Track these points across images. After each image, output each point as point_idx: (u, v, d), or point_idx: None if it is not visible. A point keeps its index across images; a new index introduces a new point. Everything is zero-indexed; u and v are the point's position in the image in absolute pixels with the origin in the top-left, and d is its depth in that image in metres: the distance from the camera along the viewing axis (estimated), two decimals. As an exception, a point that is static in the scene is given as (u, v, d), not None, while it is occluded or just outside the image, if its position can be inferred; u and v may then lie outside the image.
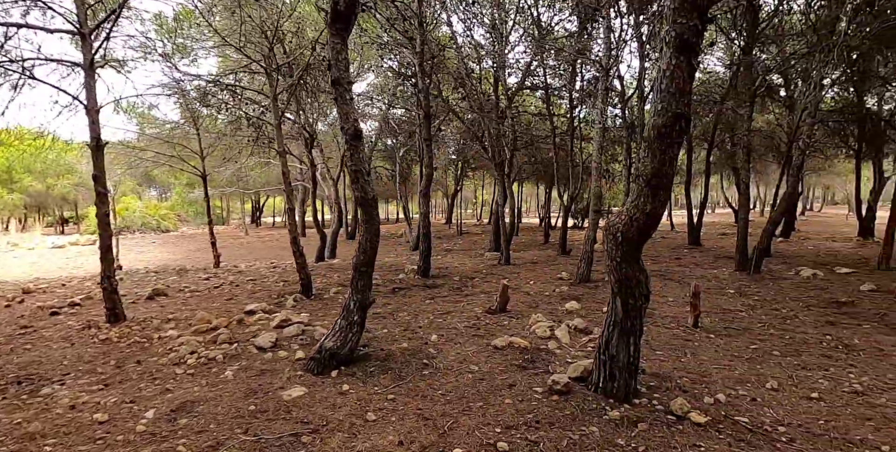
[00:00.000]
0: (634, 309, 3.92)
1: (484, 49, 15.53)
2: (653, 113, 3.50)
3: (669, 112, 3.40)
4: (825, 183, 38.72)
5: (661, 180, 3.50)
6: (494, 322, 6.67)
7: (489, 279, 10.16)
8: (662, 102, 3.43)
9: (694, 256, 13.48)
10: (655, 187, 3.52)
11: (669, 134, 3.42)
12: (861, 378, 4.96)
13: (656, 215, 3.60)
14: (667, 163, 3.47)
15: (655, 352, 5.55)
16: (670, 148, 3.45)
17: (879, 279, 10.09)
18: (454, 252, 17.74)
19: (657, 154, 3.47)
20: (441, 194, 36.28)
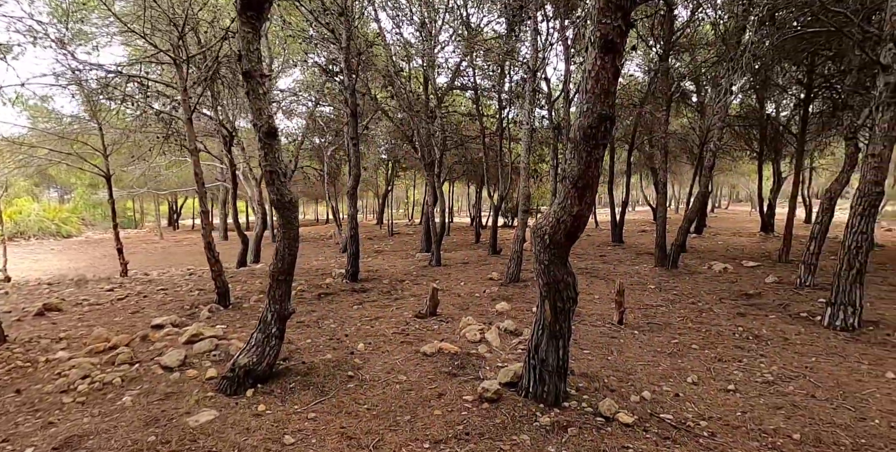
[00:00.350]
0: (563, 312, 3.88)
1: (414, 48, 15.37)
2: (578, 114, 3.46)
3: (595, 113, 3.36)
4: (731, 182, 41.91)
5: (588, 182, 3.46)
6: (424, 327, 6.49)
7: (420, 282, 9.98)
8: (587, 103, 3.39)
9: (617, 253, 14.01)
10: (582, 189, 3.47)
11: (595, 135, 3.39)
12: (771, 367, 5.25)
13: (583, 216, 3.56)
14: (592, 164, 3.43)
15: (584, 351, 5.60)
16: (596, 149, 3.42)
17: (781, 271, 10.91)
18: (385, 253, 17.41)
19: (583, 155, 3.43)
20: (372, 194, 35.71)
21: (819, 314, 7.31)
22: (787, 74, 13.77)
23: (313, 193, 33.51)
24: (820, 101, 14.20)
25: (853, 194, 6.82)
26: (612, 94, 3.40)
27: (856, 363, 5.44)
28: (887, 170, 6.57)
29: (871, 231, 6.65)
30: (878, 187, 6.45)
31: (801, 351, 5.80)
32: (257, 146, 4.49)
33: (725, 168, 27.61)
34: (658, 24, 13.82)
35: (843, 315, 6.70)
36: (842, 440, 3.72)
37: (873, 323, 6.98)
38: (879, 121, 6.43)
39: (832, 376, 5.00)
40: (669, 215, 27.77)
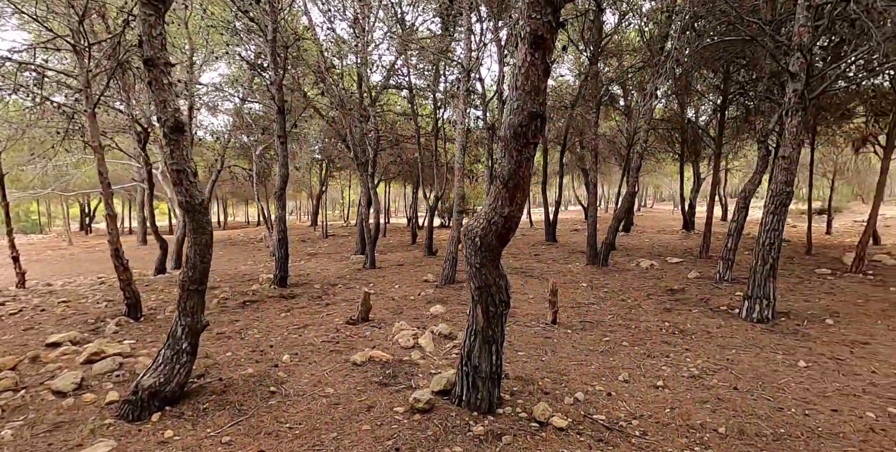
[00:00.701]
0: (495, 317, 3.75)
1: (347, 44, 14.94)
2: (508, 112, 3.34)
3: (525, 111, 3.26)
4: (655, 183, 44.17)
5: (519, 182, 3.35)
6: (356, 334, 6.21)
7: (353, 286, 9.64)
8: (517, 101, 3.28)
9: (551, 252, 14.26)
10: (513, 189, 3.36)
11: (525, 134, 3.28)
12: (696, 361, 5.41)
13: (514, 217, 3.45)
14: (523, 164, 3.33)
15: (518, 353, 5.54)
16: (526, 148, 3.31)
17: (702, 267, 11.48)
18: (319, 256, 16.82)
19: (513, 155, 3.31)
20: (306, 195, 34.60)
21: (737, 307, 7.69)
22: (706, 80, 14.54)
23: (243, 193, 32.00)
24: (735, 106, 15.11)
25: (766, 194, 7.21)
26: (543, 91, 3.30)
27: (771, 353, 5.72)
28: (796, 171, 7.00)
29: (783, 228, 7.05)
30: (788, 186, 6.85)
31: (722, 344, 6.03)
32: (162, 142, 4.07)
33: (651, 169, 28.98)
34: (588, 29, 14.22)
35: (758, 308, 7.07)
36: (763, 431, 3.84)
37: (785, 314, 7.43)
38: (789, 125, 6.83)
39: (751, 367, 5.21)
40: (600, 214, 28.82)
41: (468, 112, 10.70)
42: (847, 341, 6.22)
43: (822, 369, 5.21)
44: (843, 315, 7.46)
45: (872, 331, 6.69)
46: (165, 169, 15.66)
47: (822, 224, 22.54)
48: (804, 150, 15.65)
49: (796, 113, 6.74)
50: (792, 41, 6.80)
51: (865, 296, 8.77)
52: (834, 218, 23.30)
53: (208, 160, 23.69)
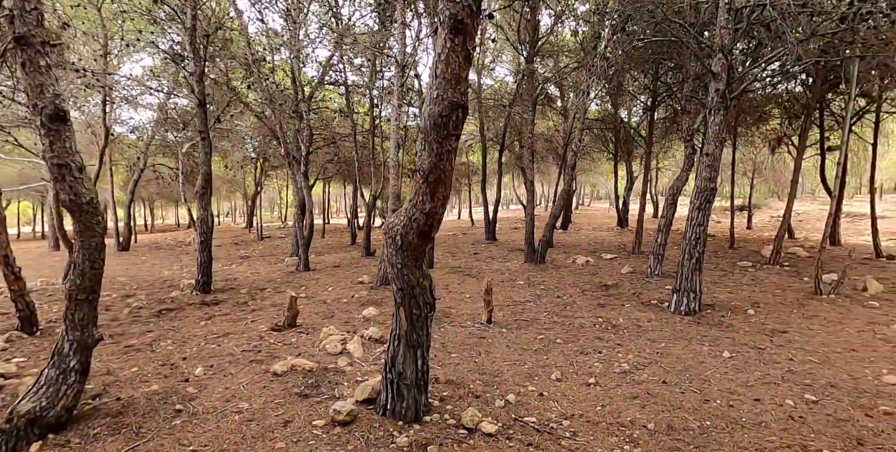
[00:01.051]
0: (420, 319, 3.54)
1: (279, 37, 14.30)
2: (428, 102, 3.13)
3: (445, 100, 3.06)
4: (592, 181, 45.57)
5: (440, 176, 3.15)
6: (280, 341, 5.83)
7: (283, 290, 9.17)
8: (437, 90, 3.08)
9: (490, 250, 14.26)
10: (434, 183, 3.16)
11: (446, 125, 3.08)
12: (627, 356, 5.43)
13: (436, 214, 3.25)
14: (444, 157, 3.13)
15: (451, 355, 5.37)
16: (447, 140, 3.12)
17: (634, 262, 11.80)
18: (252, 259, 16.04)
19: (434, 147, 3.11)
20: (241, 196, 33.14)
21: (667, 300, 7.89)
22: (636, 81, 15.00)
23: (171, 194, 30.23)
24: (664, 107, 15.71)
25: (692, 191, 7.42)
26: (465, 80, 3.12)
27: (698, 345, 5.85)
28: (719, 168, 7.24)
29: (708, 224, 7.28)
30: (711, 183, 7.07)
31: (653, 338, 6.11)
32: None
33: (587, 168, 29.80)
34: (524, 28, 14.34)
35: (686, 301, 7.26)
36: (690, 424, 3.84)
37: (711, 306, 7.68)
38: (712, 123, 7.05)
39: (679, 360, 5.29)
40: (539, 212, 29.32)
41: (405, 109, 10.44)
42: (767, 330, 6.48)
43: (744, 359, 5.35)
44: (762, 305, 7.81)
45: (789, 320, 7.02)
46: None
47: (743, 220, 23.96)
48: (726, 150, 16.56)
49: (718, 112, 6.96)
50: (714, 43, 7.03)
51: (782, 286, 9.25)
52: (753, 214, 24.83)
53: (130, 158, 22.17)
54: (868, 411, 4.11)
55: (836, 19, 6.75)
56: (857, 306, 7.85)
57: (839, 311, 7.49)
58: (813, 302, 8.02)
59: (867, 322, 6.88)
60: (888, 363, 5.27)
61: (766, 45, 8.19)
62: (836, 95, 12.83)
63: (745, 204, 24.00)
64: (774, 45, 7.75)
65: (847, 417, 3.97)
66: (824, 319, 7.04)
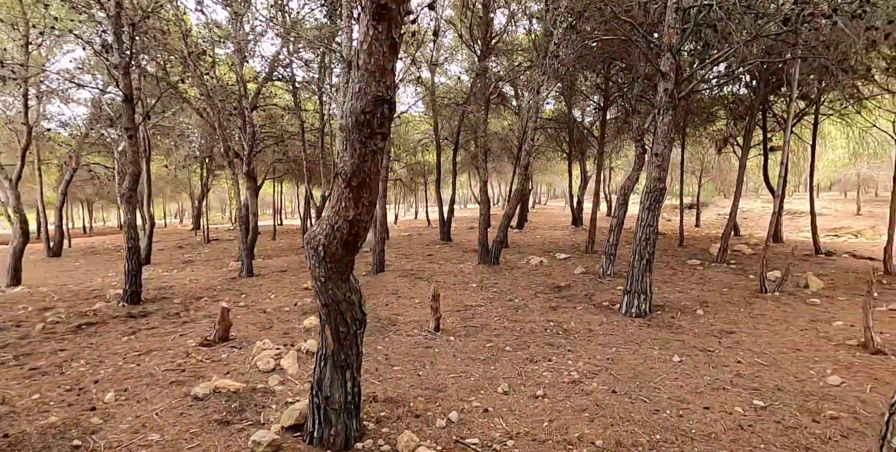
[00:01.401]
0: (348, 337, 3.20)
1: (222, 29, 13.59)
2: (350, 96, 2.79)
3: (369, 95, 2.73)
4: (547, 181, 46.09)
5: (364, 179, 2.82)
6: (209, 358, 5.35)
7: (222, 298, 8.59)
8: (360, 82, 2.75)
9: (445, 251, 14.00)
10: (357, 188, 2.82)
11: (369, 122, 2.76)
12: (577, 364, 5.24)
13: (361, 222, 2.92)
14: (368, 157, 2.80)
15: (393, 368, 5.04)
16: (372, 139, 2.79)
17: (587, 261, 11.78)
18: (196, 264, 15.22)
19: (356, 147, 2.78)
20: (187, 197, 31.66)
21: (618, 301, 7.81)
22: (587, 79, 15.05)
23: (110, 195, 28.54)
24: (615, 107, 15.85)
25: (642, 190, 7.36)
26: (391, 72, 2.80)
27: (649, 349, 5.73)
28: (668, 167, 7.19)
29: (658, 224, 7.23)
30: (661, 182, 7.01)
31: (603, 342, 5.97)
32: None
33: (542, 168, 30.01)
34: (476, 26, 14.16)
35: (637, 303, 7.19)
36: (639, 439, 3.66)
37: (661, 307, 7.65)
38: (660, 123, 6.99)
39: (629, 366, 5.14)
40: (496, 211, 29.30)
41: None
42: (715, 331, 6.46)
43: (694, 362, 5.27)
44: (711, 305, 7.85)
45: (736, 319, 7.05)
46: (-4, 167, 13.23)
47: (691, 218, 24.64)
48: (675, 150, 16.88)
49: (667, 112, 6.90)
50: (662, 43, 6.96)
51: (729, 285, 9.38)
52: (701, 212, 25.59)
53: (62, 157, 20.69)
54: (815, 416, 4.04)
55: (779, 21, 6.80)
56: (800, 303, 8.00)
57: (783, 309, 7.60)
58: (758, 301, 8.12)
59: (810, 320, 6.99)
60: (831, 362, 5.30)
61: (712, 46, 8.25)
62: (778, 98, 13.23)
63: (694, 203, 24.70)
64: (721, 46, 7.79)
65: (795, 424, 3.89)
66: (770, 318, 7.11)
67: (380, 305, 7.85)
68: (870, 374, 4.96)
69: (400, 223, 29.52)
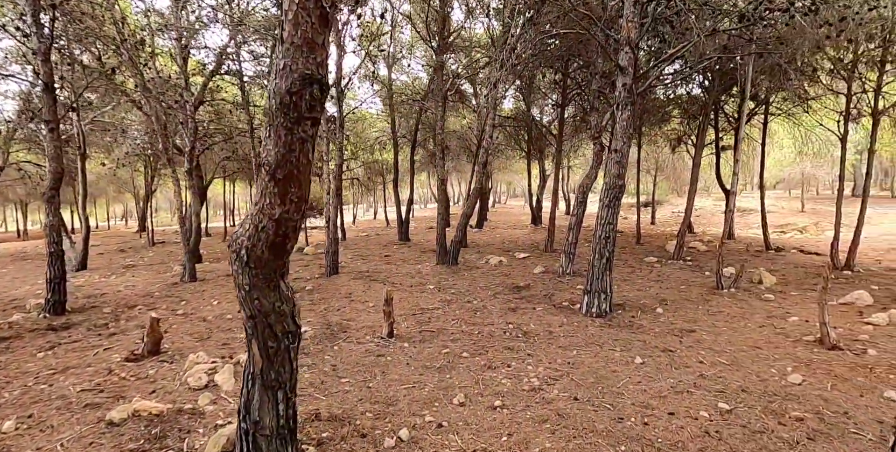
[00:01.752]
0: (279, 353, 2.80)
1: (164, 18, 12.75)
2: (274, 74, 2.40)
3: (295, 72, 2.35)
4: (507, 179, 46.26)
5: (292, 171, 2.44)
6: (134, 375, 4.80)
7: (159, 306, 7.93)
8: (285, 58, 2.36)
9: (403, 251, 13.60)
10: (284, 181, 2.43)
11: (296, 105, 2.37)
12: (538, 369, 4.98)
13: (290, 221, 2.53)
14: (296, 147, 2.42)
15: (341, 380, 4.64)
16: (299, 126, 2.41)
17: (547, 260, 11.65)
18: (138, 268, 14.26)
19: (282, 134, 2.39)
20: (131, 197, 29.99)
21: (578, 301, 7.64)
22: (545, 77, 14.97)
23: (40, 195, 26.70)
24: (573, 105, 15.85)
25: (601, 189, 7.20)
26: (322, 47, 2.42)
27: (610, 351, 5.54)
28: (627, 164, 7.06)
29: (617, 222, 7.08)
30: (620, 180, 6.86)
31: (564, 345, 5.75)
32: None
33: (502, 166, 30.00)
34: (433, 21, 13.85)
35: (597, 302, 7.02)
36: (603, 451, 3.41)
37: (621, 306, 7.52)
38: (619, 119, 6.83)
39: (591, 370, 4.92)
40: (456, 210, 29.09)
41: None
42: (675, 330, 6.35)
43: (656, 364, 5.10)
44: (670, 303, 7.79)
45: (695, 317, 6.99)
46: None
47: (647, 216, 25.09)
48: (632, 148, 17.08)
49: (626, 107, 6.76)
50: (621, 37, 6.81)
51: (687, 282, 9.40)
52: (657, 210, 26.14)
53: None
54: (781, 418, 3.91)
55: (734, 18, 6.77)
56: (755, 299, 8.05)
57: (740, 306, 7.61)
58: (716, 297, 8.13)
59: (766, 316, 7.00)
60: (791, 360, 5.24)
61: (669, 43, 8.20)
62: (730, 98, 13.48)
63: (650, 200, 25.18)
64: (677, 43, 7.74)
65: (762, 427, 3.73)
66: (727, 315, 7.09)
67: (331, 310, 7.40)
68: (829, 371, 4.91)
69: (358, 224, 28.88)
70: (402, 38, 18.75)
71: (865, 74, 9.66)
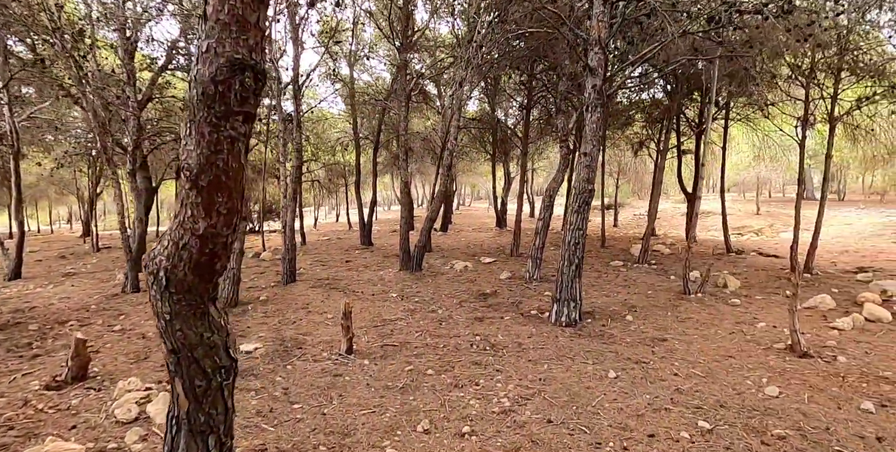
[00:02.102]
0: (209, 392, 2.36)
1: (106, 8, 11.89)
2: (196, 59, 1.97)
3: (222, 57, 1.93)
4: (472, 182, 46.13)
5: (218, 177, 2.01)
6: (54, 406, 4.21)
7: (94, 320, 7.21)
8: (210, 39, 1.94)
9: (365, 257, 13.10)
10: (209, 190, 2.00)
11: (223, 96, 1.95)
12: (507, 386, 4.66)
13: (218, 236, 2.10)
14: (224, 147, 1.99)
15: (293, 406, 4.19)
16: (227, 121, 1.99)
17: (513, 265, 11.39)
18: (79, 277, 13.25)
19: (205, 132, 1.96)
20: (76, 199, 28.24)
21: (546, 310, 7.38)
22: (511, 77, 14.78)
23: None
24: (539, 108, 15.71)
25: (569, 193, 6.96)
26: (256, 27, 2.01)
27: (582, 364, 5.28)
28: (597, 168, 6.84)
29: (586, 227, 6.85)
30: (589, 184, 6.63)
31: (534, 358, 5.45)
32: None
33: (466, 169, 29.75)
34: (397, 18, 13.46)
35: (566, 311, 6.77)
36: (582, 484, 3.10)
37: (590, 314, 7.30)
38: (589, 121, 6.60)
39: (564, 386, 4.63)
40: (421, 213, 28.68)
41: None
42: (647, 339, 6.16)
43: (630, 378, 4.86)
44: (639, 309, 7.62)
45: (665, 324, 6.83)
46: None
47: (610, 218, 25.33)
48: (596, 150, 17.12)
49: (596, 109, 6.54)
50: (591, 36, 6.59)
51: (654, 286, 9.30)
52: (619, 212, 26.45)
53: None
54: (763, 436, 3.71)
55: (702, 20, 6.66)
56: (722, 304, 7.99)
57: (708, 311, 7.52)
58: (684, 303, 8.03)
59: (735, 322, 6.91)
60: (765, 369, 5.10)
61: (637, 45, 8.08)
62: (692, 102, 13.60)
63: (612, 203, 25.43)
64: (645, 45, 7.61)
65: (745, 448, 3.53)
66: (697, 321, 6.96)
67: (286, 323, 6.89)
68: (804, 381, 4.79)
69: (320, 227, 28.08)
70: (364, 36, 18.27)
71: (823, 81, 9.81)
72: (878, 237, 16.58)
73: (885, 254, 12.92)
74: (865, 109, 10.31)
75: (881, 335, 6.31)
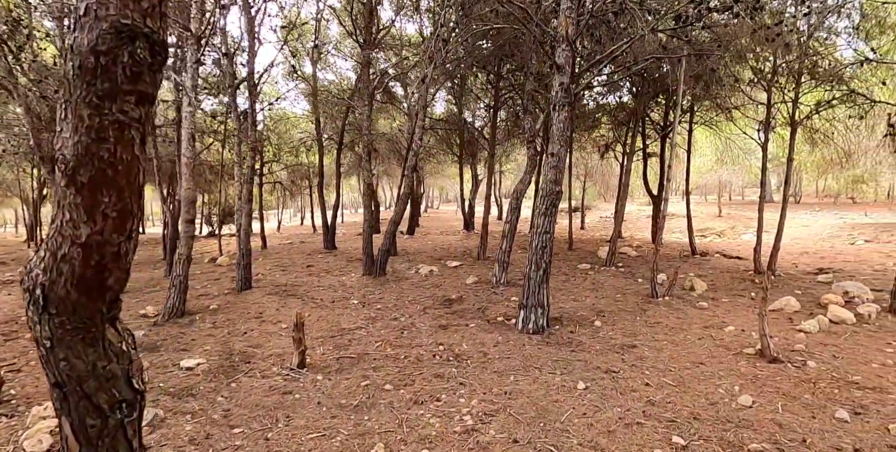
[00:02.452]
0: (106, 433, 1.95)
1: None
2: (73, 24, 1.58)
3: (105, 22, 1.54)
4: (439, 184, 45.86)
5: (104, 172, 1.62)
6: (-50, 437, 3.67)
7: (23, 334, 6.57)
8: (86, 0, 1.54)
9: (327, 261, 12.61)
10: (91, 188, 1.61)
11: (109, 71, 1.57)
12: (471, 401, 4.34)
13: (107, 244, 1.70)
14: (110, 135, 1.60)
15: (233, 431, 3.76)
16: (114, 102, 1.60)
17: (480, 269, 11.12)
18: (15, 285, 12.32)
19: (84, 115, 1.58)
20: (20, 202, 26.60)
21: (513, 316, 7.11)
22: (478, 77, 14.57)
23: None
24: (506, 110, 15.54)
25: (536, 195, 6.72)
26: (153, -10, 1.63)
27: (550, 374, 5.02)
28: (565, 169, 6.62)
29: (554, 231, 6.62)
30: (557, 185, 6.40)
31: (500, 370, 5.16)
32: None
33: (433, 171, 29.46)
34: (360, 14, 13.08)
35: (534, 318, 6.52)
36: (550, 514, 2.80)
37: (558, 320, 7.07)
38: (556, 121, 6.37)
39: (531, 401, 4.35)
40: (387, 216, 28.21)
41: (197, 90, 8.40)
42: (616, 346, 5.95)
43: (601, 389, 4.61)
44: (607, 314, 7.44)
45: (634, 329, 6.65)
46: None
47: (577, 220, 25.44)
48: (563, 153, 17.10)
49: (563, 107, 6.31)
50: (558, 33, 6.37)
51: (622, 290, 9.17)
52: (585, 215, 26.59)
53: None
54: (739, 451, 3.50)
55: (669, 19, 6.53)
56: (690, 307, 7.89)
57: (677, 315, 7.39)
58: (652, 307, 7.90)
59: (703, 326, 6.79)
60: (737, 376, 4.94)
61: (604, 44, 7.92)
62: (657, 106, 13.65)
63: (578, 206, 25.54)
64: (612, 44, 7.46)
65: (722, 468, 3.29)
66: (666, 326, 6.81)
67: (236, 334, 6.40)
68: (776, 388, 4.63)
69: (284, 230, 27.28)
70: (329, 34, 17.78)
71: (784, 85, 9.90)
72: (834, 238, 17.05)
73: (842, 255, 13.22)
74: (824, 114, 10.47)
75: (846, 337, 6.28)
